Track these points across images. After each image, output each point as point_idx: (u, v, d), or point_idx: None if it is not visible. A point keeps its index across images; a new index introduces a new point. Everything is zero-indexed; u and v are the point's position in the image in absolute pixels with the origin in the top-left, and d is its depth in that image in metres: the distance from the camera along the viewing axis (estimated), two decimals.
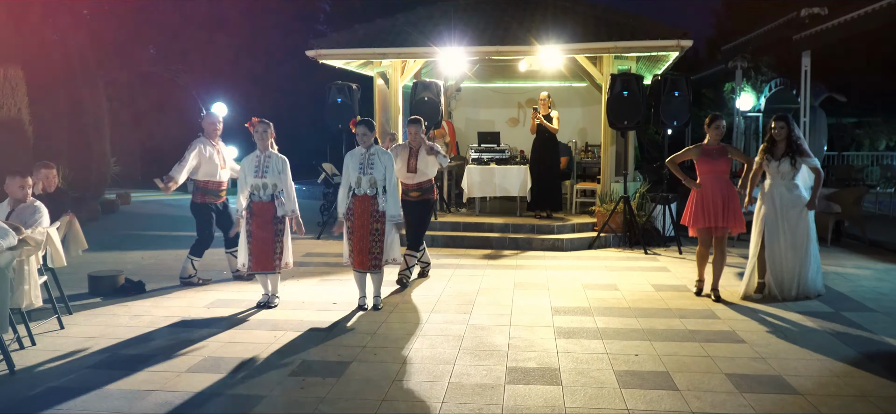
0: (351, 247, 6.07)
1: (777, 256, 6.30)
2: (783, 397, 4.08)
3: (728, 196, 6.33)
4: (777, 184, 6.26)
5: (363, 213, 5.99)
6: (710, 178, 6.40)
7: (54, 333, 5.37)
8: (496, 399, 4.04)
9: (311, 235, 10.56)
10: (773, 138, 6.27)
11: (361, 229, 5.99)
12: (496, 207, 11.68)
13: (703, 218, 6.37)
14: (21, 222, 5.02)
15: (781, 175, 6.21)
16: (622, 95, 9.34)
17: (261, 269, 6.14)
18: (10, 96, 10.84)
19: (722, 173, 6.39)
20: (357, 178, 6.02)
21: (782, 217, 6.23)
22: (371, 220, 5.98)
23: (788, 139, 6.17)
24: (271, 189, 6.09)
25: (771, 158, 6.26)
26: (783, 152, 6.20)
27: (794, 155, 6.16)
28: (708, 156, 6.43)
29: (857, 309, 6.18)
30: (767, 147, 6.33)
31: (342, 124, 10.26)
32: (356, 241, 6.01)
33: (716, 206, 6.32)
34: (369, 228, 5.98)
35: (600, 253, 9.14)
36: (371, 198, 5.99)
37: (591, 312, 6.07)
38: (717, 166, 6.39)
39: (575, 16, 10.77)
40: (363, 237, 5.99)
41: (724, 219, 6.31)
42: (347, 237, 6.11)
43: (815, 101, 12.83)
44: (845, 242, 10.06)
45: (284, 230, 6.23)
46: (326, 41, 11.01)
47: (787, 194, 6.23)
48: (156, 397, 4.07)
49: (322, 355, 4.85)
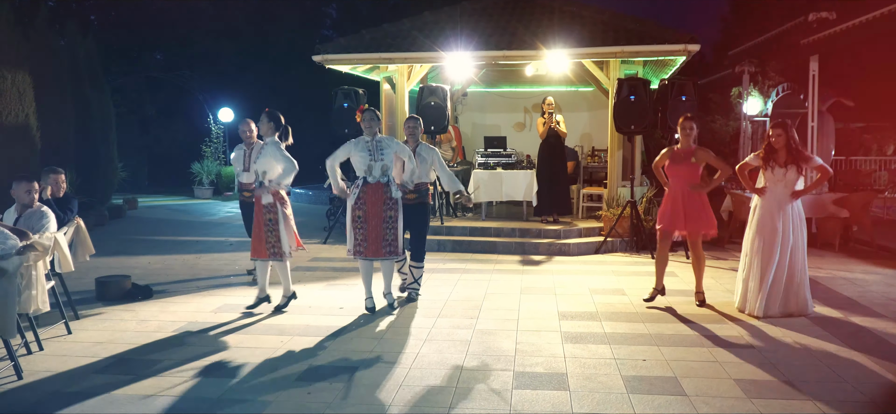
0: (360, 236, 6.05)
1: (767, 267, 6.00)
2: (791, 403, 4.05)
3: (693, 200, 6.21)
4: (777, 192, 5.99)
5: (377, 200, 6.03)
6: (676, 182, 6.31)
7: (62, 338, 5.38)
8: (503, 404, 4.03)
9: (318, 239, 10.57)
10: (771, 146, 5.99)
11: (376, 217, 6.02)
12: (503, 212, 11.67)
13: (662, 219, 6.37)
14: (28, 228, 5.05)
15: (786, 184, 5.93)
16: (629, 100, 9.32)
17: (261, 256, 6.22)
18: (17, 102, 10.88)
19: (686, 177, 6.24)
20: (368, 166, 6.02)
21: (783, 226, 5.95)
22: (384, 207, 6.02)
23: (788, 146, 5.93)
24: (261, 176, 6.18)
25: (774, 166, 5.99)
26: (786, 160, 5.91)
27: (798, 161, 5.91)
28: (674, 159, 6.33)
29: (867, 314, 6.14)
30: (766, 154, 6.04)
31: (348, 129, 10.27)
32: (371, 229, 6.02)
33: (676, 210, 6.25)
34: (383, 215, 6.03)
35: (607, 258, 9.11)
36: (384, 185, 6.03)
37: (598, 316, 6.05)
38: (679, 170, 6.26)
39: (582, 20, 10.75)
40: (377, 225, 6.02)
41: (686, 224, 6.22)
42: (355, 227, 6.07)
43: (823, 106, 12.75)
44: (853, 247, 10.01)
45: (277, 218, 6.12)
46: (333, 46, 11.02)
47: (787, 202, 5.96)
48: (162, 402, 4.07)
49: (329, 360, 4.84)
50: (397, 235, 6.12)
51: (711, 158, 6.26)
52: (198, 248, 10.08)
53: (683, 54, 9.75)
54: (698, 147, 6.32)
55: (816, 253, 9.46)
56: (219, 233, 11.82)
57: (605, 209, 10.15)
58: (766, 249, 6.00)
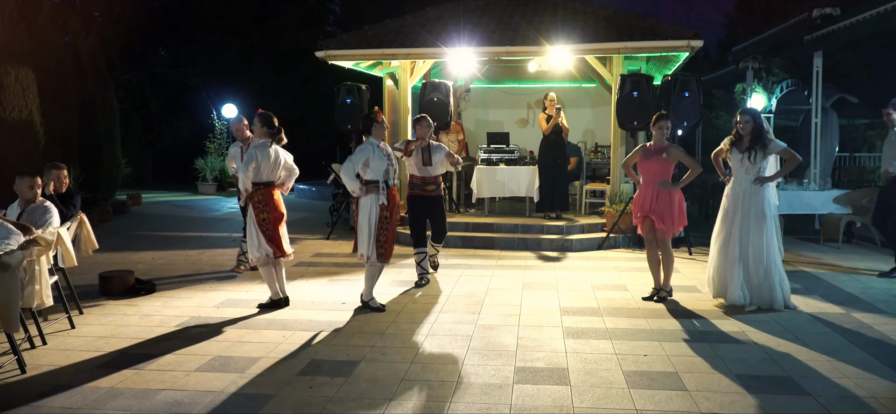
0: (381, 239, 5.95)
1: (730, 255, 6.09)
2: (793, 398, 4.05)
3: (661, 197, 6.28)
4: (741, 179, 6.09)
5: (395, 206, 6.10)
6: (646, 179, 6.42)
7: (65, 333, 5.40)
8: (504, 399, 4.04)
9: (320, 235, 10.58)
10: (738, 133, 6.09)
11: (394, 221, 6.10)
12: (505, 208, 11.67)
13: (636, 220, 6.51)
14: (32, 223, 5.06)
15: (746, 169, 6.04)
16: (632, 96, 9.31)
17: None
18: (21, 98, 10.92)
19: (655, 174, 6.32)
20: (385, 169, 6.00)
21: (743, 215, 6.05)
22: (398, 212, 6.17)
23: (753, 133, 6.01)
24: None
25: (736, 151, 6.09)
26: (747, 146, 6.03)
27: (759, 147, 5.97)
28: (645, 156, 6.42)
29: (869, 310, 6.13)
30: (734, 141, 6.14)
31: (351, 125, 10.27)
32: (391, 231, 6.03)
33: (644, 207, 6.36)
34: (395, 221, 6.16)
35: (610, 254, 9.11)
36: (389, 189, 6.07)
37: (600, 312, 6.05)
38: (650, 166, 6.35)
39: (585, 16, 10.74)
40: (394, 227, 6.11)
41: (656, 221, 6.29)
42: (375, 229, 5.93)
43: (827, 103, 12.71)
44: (857, 242, 10.00)
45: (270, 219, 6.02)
46: (335, 42, 11.03)
47: (749, 191, 6.05)
48: (165, 396, 4.09)
49: (331, 355, 4.85)
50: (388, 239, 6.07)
51: (683, 156, 6.42)
52: (201, 243, 10.11)
53: (686, 50, 9.74)
54: (671, 144, 6.43)
55: (819, 249, 9.46)
56: (222, 229, 11.84)
57: (608, 205, 10.15)
58: (726, 235, 6.17)
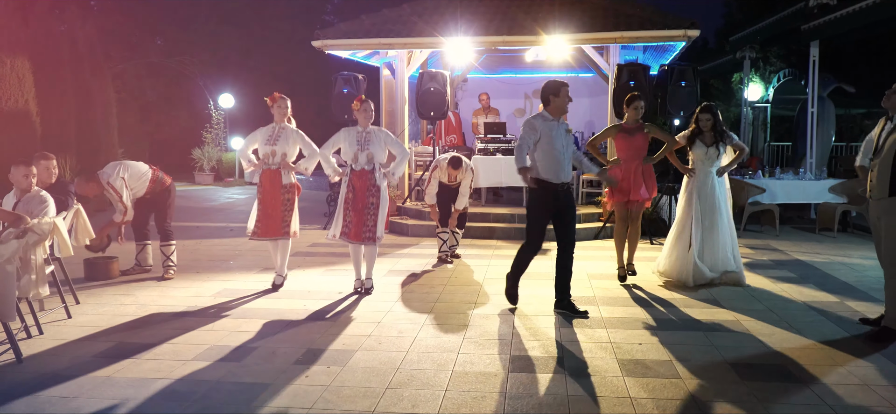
0: (348, 218, 6.26)
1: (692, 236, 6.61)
2: (787, 385, 4.07)
3: (642, 171, 6.78)
4: (703, 169, 6.62)
5: (361, 187, 6.23)
6: (627, 155, 6.79)
7: (61, 322, 5.41)
8: (499, 387, 4.06)
9: (318, 225, 10.59)
10: (700, 128, 6.61)
11: (360, 202, 6.23)
12: (502, 198, 11.67)
13: (619, 192, 6.77)
14: (27, 212, 5.06)
15: (710, 160, 6.59)
16: (629, 86, 9.31)
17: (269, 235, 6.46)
18: (17, 88, 10.89)
19: (639, 149, 6.78)
20: (354, 155, 6.25)
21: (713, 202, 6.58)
22: (367, 194, 6.23)
23: (714, 128, 6.56)
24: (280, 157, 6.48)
25: (701, 145, 6.59)
26: (712, 140, 6.58)
27: (724, 140, 6.60)
28: (626, 133, 6.80)
29: (863, 298, 6.16)
30: (693, 135, 6.65)
31: (348, 115, 10.26)
32: (354, 213, 6.23)
33: (628, 181, 6.73)
34: (366, 202, 6.23)
35: (606, 243, 9.12)
36: (368, 173, 6.25)
37: (595, 301, 6.07)
38: (633, 142, 6.76)
39: (582, 5, 10.73)
40: (360, 210, 6.23)
41: (637, 192, 6.73)
42: (344, 209, 6.29)
43: (824, 92, 12.73)
44: (852, 231, 10.02)
45: (293, 199, 6.52)
46: (332, 31, 11.01)
47: (714, 180, 6.62)
48: (161, 385, 4.10)
49: (327, 344, 4.87)
50: (377, 222, 6.26)
51: (657, 132, 6.94)
52: (198, 233, 10.11)
53: (683, 39, 9.74)
54: (645, 122, 6.91)
55: (815, 238, 9.48)
56: (219, 219, 11.85)
57: (605, 195, 10.14)
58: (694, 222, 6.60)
